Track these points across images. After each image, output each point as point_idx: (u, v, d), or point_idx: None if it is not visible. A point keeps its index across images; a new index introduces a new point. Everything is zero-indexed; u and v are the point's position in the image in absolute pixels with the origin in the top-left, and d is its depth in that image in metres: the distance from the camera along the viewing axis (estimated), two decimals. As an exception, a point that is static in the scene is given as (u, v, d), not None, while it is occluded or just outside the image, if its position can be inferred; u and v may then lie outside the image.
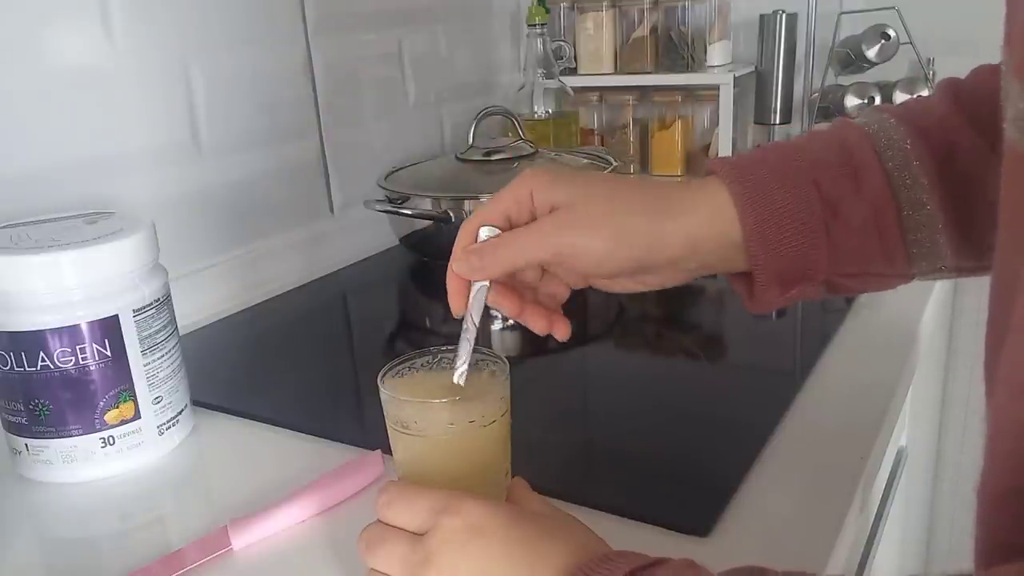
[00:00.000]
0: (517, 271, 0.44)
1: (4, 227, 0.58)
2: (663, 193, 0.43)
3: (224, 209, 0.88)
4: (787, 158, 0.44)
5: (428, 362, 0.47)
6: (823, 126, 0.49)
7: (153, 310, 0.57)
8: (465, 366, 0.44)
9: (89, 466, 0.55)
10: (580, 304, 0.85)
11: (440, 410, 0.42)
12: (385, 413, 0.44)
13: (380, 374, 0.44)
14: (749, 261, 0.43)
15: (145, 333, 0.56)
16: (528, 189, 0.44)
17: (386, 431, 0.44)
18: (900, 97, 1.18)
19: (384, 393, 0.44)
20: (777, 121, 1.28)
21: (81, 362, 0.53)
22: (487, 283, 0.45)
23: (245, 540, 0.47)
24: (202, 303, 0.84)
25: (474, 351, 0.45)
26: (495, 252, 0.43)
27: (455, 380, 0.44)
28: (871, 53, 1.17)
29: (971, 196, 0.41)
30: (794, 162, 0.43)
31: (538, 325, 0.47)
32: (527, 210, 0.44)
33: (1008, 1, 0.32)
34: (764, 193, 0.42)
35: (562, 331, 0.47)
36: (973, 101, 0.43)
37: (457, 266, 0.44)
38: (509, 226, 0.44)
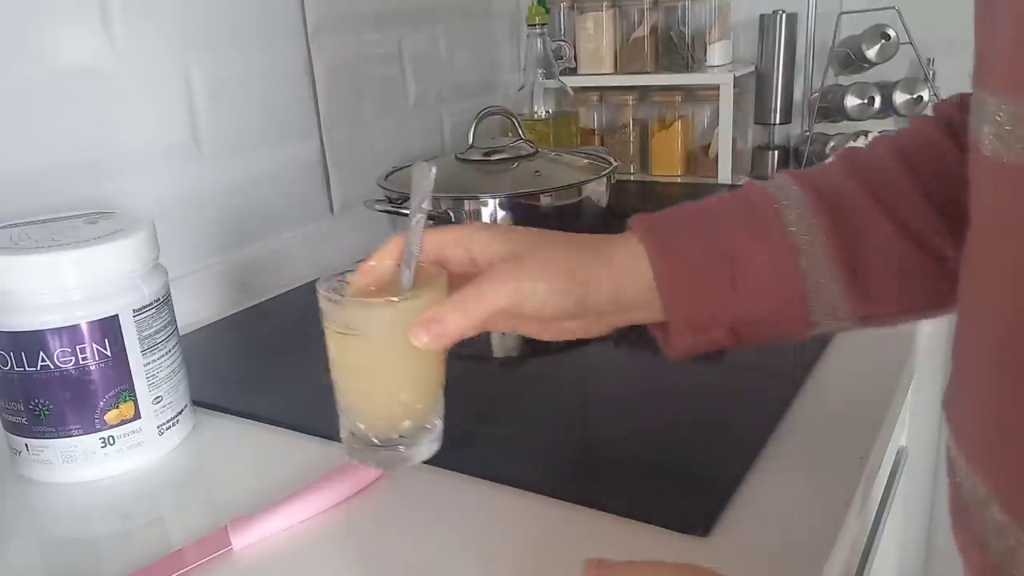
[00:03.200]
0: (480, 324, 0.44)
1: (4, 227, 0.58)
2: (592, 243, 0.47)
3: (224, 209, 0.88)
4: (694, 214, 0.48)
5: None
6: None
7: (153, 310, 0.57)
8: (409, 272, 0.45)
9: (89, 466, 0.55)
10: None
11: (384, 308, 0.44)
12: (325, 319, 0.45)
13: (318, 283, 0.45)
14: (662, 308, 0.46)
15: (145, 333, 0.56)
16: (466, 244, 0.46)
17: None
18: (900, 97, 1.18)
19: (325, 296, 0.44)
20: (777, 121, 1.28)
21: (81, 362, 0.53)
22: (424, 213, 0.46)
23: (245, 540, 0.47)
24: (202, 303, 0.84)
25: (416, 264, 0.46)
26: (455, 313, 0.43)
27: (403, 285, 0.45)
28: (871, 53, 1.17)
29: (860, 249, 0.45)
30: (700, 217, 0.47)
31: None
32: (463, 259, 0.47)
33: (981, 17, 0.33)
34: (672, 245, 0.46)
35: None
36: (866, 168, 0.47)
37: (418, 340, 0.43)
38: (439, 257, 0.47)
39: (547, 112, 1.20)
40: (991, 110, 0.30)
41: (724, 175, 1.29)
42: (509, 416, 0.62)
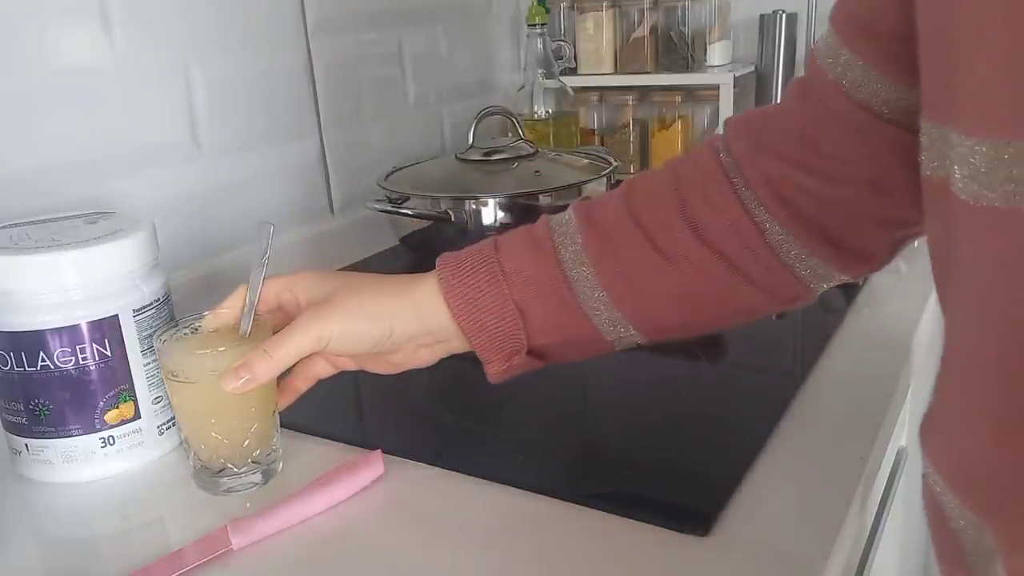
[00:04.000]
0: (288, 365, 0.50)
1: (4, 227, 0.58)
2: (399, 283, 0.51)
3: (224, 209, 0.88)
4: (487, 250, 0.51)
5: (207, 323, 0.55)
6: None
7: (153, 310, 0.57)
8: (248, 321, 0.52)
9: (89, 466, 0.55)
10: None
11: (207, 357, 0.50)
12: (161, 367, 0.53)
13: (156, 334, 0.53)
14: (466, 340, 0.50)
15: (145, 333, 0.56)
16: (293, 289, 0.53)
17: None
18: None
19: (159, 348, 0.52)
20: (777, 121, 1.28)
21: (81, 362, 0.53)
22: (265, 266, 0.52)
23: (245, 540, 0.47)
24: (202, 303, 0.83)
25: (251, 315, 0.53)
26: (262, 361, 0.48)
27: (240, 332, 0.52)
28: (871, 53, 1.17)
29: (630, 277, 0.48)
30: (491, 252, 0.51)
31: (282, 399, 0.54)
32: (293, 304, 0.53)
33: (934, 54, 0.32)
34: (464, 280, 0.50)
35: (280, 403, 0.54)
36: (641, 200, 0.50)
37: (227, 385, 0.48)
38: (276, 303, 0.53)
39: (547, 112, 1.20)
40: (963, 152, 0.30)
41: (724, 175, 1.28)
42: (509, 416, 0.62)
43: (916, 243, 0.98)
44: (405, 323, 0.50)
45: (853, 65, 0.43)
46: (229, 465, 0.53)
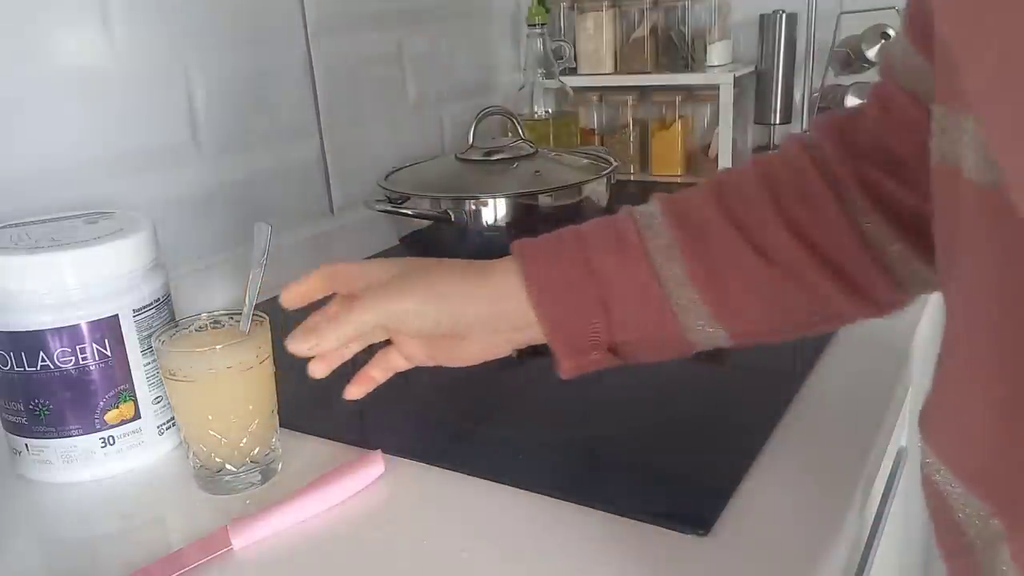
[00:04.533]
0: (352, 339, 0.50)
1: (4, 227, 0.58)
2: (469, 266, 0.50)
3: (224, 209, 0.88)
4: (568, 238, 0.49)
5: (206, 324, 0.56)
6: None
7: (153, 310, 0.57)
8: (247, 319, 0.54)
9: (89, 466, 0.55)
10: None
11: (202, 355, 0.51)
12: (160, 366, 0.53)
13: (155, 334, 0.54)
14: (542, 331, 0.48)
15: (145, 333, 0.56)
16: (334, 278, 0.52)
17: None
18: (900, 97, 1.18)
19: (157, 348, 0.53)
20: (777, 121, 1.28)
21: (81, 362, 0.53)
22: (263, 266, 0.54)
23: (245, 540, 0.47)
24: (201, 304, 0.83)
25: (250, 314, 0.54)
26: (330, 327, 0.48)
27: (241, 329, 0.53)
28: (871, 53, 1.17)
29: (722, 275, 0.47)
30: (573, 242, 0.49)
31: (354, 389, 0.53)
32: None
33: (960, 41, 0.31)
34: (545, 268, 0.48)
35: (352, 391, 0.53)
36: (730, 196, 0.48)
37: (294, 346, 0.48)
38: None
39: (547, 112, 1.20)
40: (978, 138, 0.29)
41: (724, 175, 1.28)
42: (509, 416, 0.62)
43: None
44: (477, 305, 0.48)
45: (926, 74, 0.39)
46: (228, 464, 0.53)
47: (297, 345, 0.48)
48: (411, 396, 0.66)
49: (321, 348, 0.48)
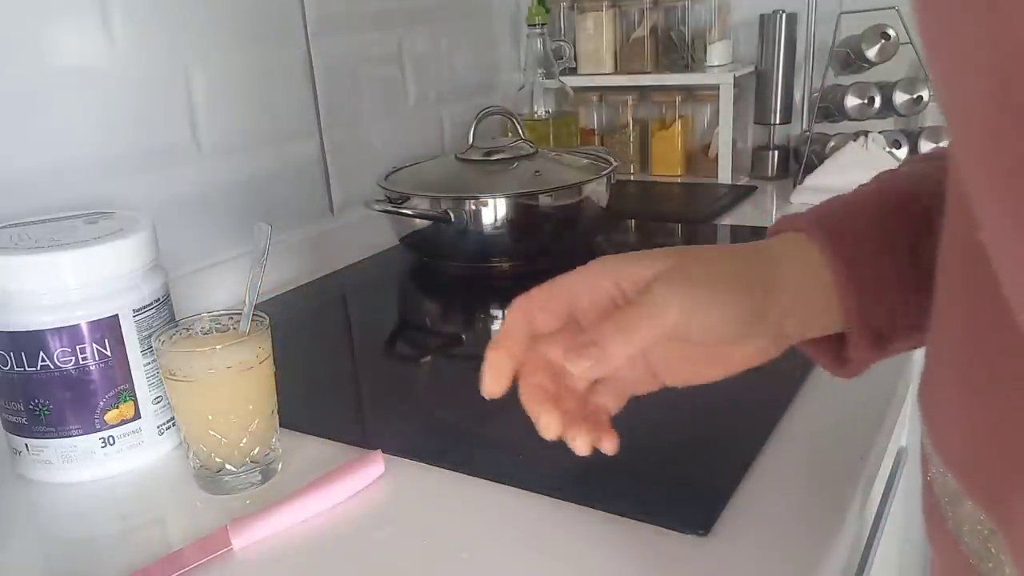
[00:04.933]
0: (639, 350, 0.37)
1: (4, 227, 0.58)
2: (745, 248, 0.40)
3: (224, 209, 0.88)
4: (860, 206, 0.41)
5: (206, 324, 0.56)
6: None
7: (153, 310, 0.57)
8: (247, 320, 0.54)
9: (89, 466, 0.55)
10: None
11: (203, 357, 0.51)
12: (159, 366, 0.53)
13: (155, 334, 0.54)
14: (843, 316, 0.39)
15: (145, 333, 0.56)
16: (603, 277, 0.39)
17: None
18: (900, 97, 1.18)
19: (157, 348, 0.53)
20: (777, 121, 1.28)
21: (81, 362, 0.53)
22: (263, 266, 0.53)
23: (245, 540, 0.47)
24: (201, 304, 0.84)
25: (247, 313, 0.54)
26: (616, 338, 0.36)
27: (240, 330, 0.54)
28: (871, 53, 1.17)
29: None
30: (872, 211, 0.40)
31: (582, 443, 0.41)
32: (604, 298, 0.39)
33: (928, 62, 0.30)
34: (847, 241, 0.39)
35: (611, 445, 0.41)
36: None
37: (575, 366, 0.36)
38: (565, 320, 0.40)
39: (547, 112, 1.20)
40: None
41: (724, 175, 1.29)
42: (510, 416, 0.62)
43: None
44: (783, 289, 0.38)
45: None
46: (228, 464, 0.53)
47: (576, 363, 0.36)
48: (411, 396, 0.66)
49: (605, 366, 0.36)
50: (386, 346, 0.78)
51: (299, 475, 0.54)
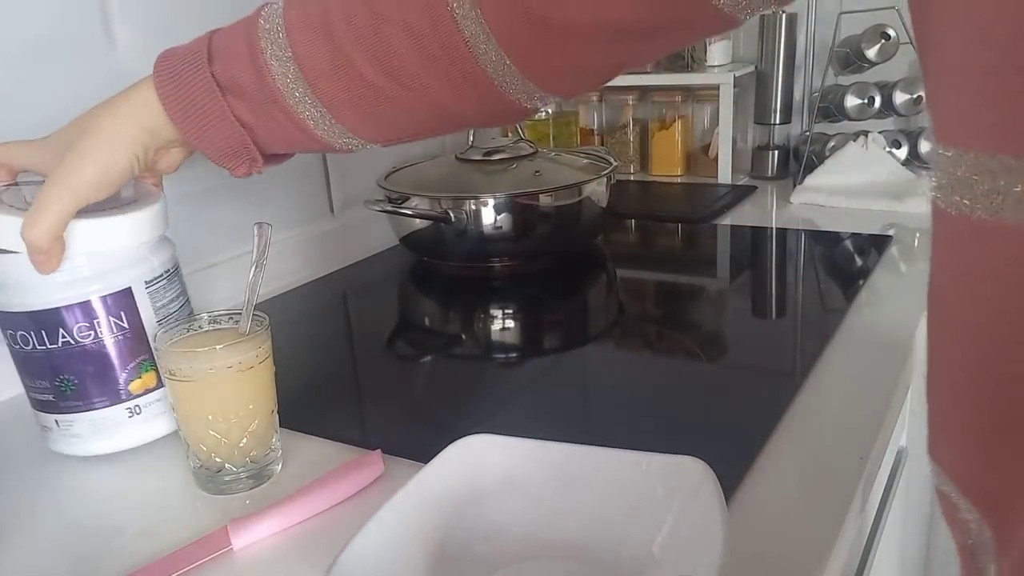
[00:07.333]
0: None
1: (8, 186, 0.58)
2: (109, 105, 0.55)
3: (224, 209, 0.88)
4: (198, 53, 0.53)
5: (206, 324, 0.56)
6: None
7: (164, 281, 0.57)
8: (247, 319, 0.54)
9: (119, 436, 0.56)
10: (580, 304, 0.85)
11: (202, 357, 0.51)
12: (160, 367, 0.54)
13: (154, 335, 0.54)
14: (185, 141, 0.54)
15: (159, 304, 0.57)
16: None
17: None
18: (900, 97, 1.18)
19: (157, 348, 0.53)
20: (777, 121, 1.28)
21: (100, 335, 0.54)
22: (263, 266, 0.54)
23: (245, 540, 0.47)
24: (201, 303, 0.83)
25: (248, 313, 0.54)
26: (29, 230, 0.49)
27: (240, 330, 0.54)
28: (871, 53, 1.17)
29: (346, 94, 0.51)
30: (201, 57, 0.53)
31: None
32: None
33: (925, 67, 0.31)
34: (179, 90, 0.52)
35: None
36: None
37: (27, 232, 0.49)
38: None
39: (547, 112, 1.20)
40: (945, 163, 0.29)
41: (724, 175, 1.29)
42: (509, 416, 0.62)
43: (916, 243, 0.98)
44: (143, 140, 0.53)
45: None
46: (228, 464, 0.53)
47: (41, 267, 0.50)
48: (411, 396, 0.66)
49: (41, 246, 0.49)
50: (386, 346, 0.78)
51: (299, 475, 0.54)
